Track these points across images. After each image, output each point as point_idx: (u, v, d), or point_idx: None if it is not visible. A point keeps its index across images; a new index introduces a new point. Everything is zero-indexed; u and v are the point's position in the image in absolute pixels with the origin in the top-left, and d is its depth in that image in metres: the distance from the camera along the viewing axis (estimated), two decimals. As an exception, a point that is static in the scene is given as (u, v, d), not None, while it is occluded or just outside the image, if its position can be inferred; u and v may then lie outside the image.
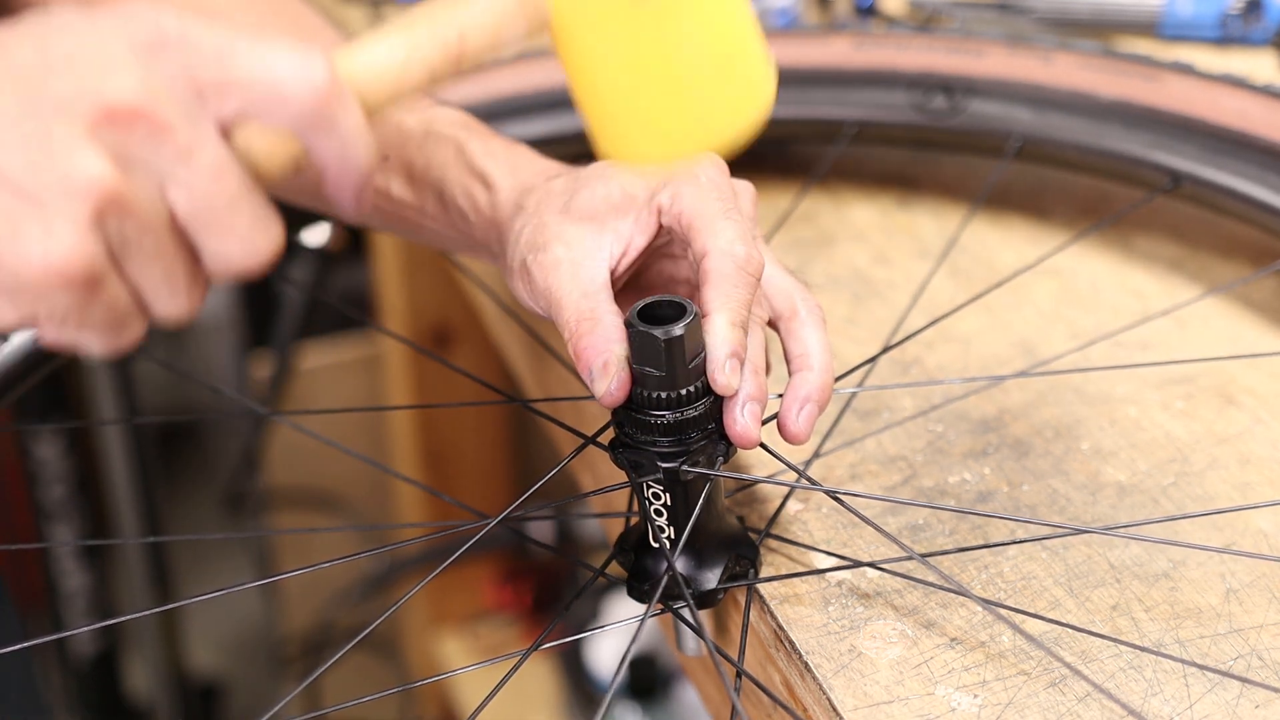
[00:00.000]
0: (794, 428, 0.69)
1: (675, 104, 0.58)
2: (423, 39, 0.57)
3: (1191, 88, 0.95)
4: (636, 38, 0.57)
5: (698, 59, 0.58)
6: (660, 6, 0.56)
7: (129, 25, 0.55)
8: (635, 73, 0.58)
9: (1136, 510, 0.76)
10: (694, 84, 0.58)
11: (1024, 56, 1.01)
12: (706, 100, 0.59)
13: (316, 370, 1.97)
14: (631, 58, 0.57)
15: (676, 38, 0.57)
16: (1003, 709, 0.65)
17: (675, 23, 0.57)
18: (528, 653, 0.68)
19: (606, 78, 0.58)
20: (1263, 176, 0.90)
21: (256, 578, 0.79)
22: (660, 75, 0.58)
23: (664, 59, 0.57)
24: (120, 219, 0.54)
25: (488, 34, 0.57)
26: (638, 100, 0.58)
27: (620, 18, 0.56)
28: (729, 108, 0.60)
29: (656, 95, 0.58)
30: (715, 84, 0.59)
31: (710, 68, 0.58)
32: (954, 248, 0.97)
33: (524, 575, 1.91)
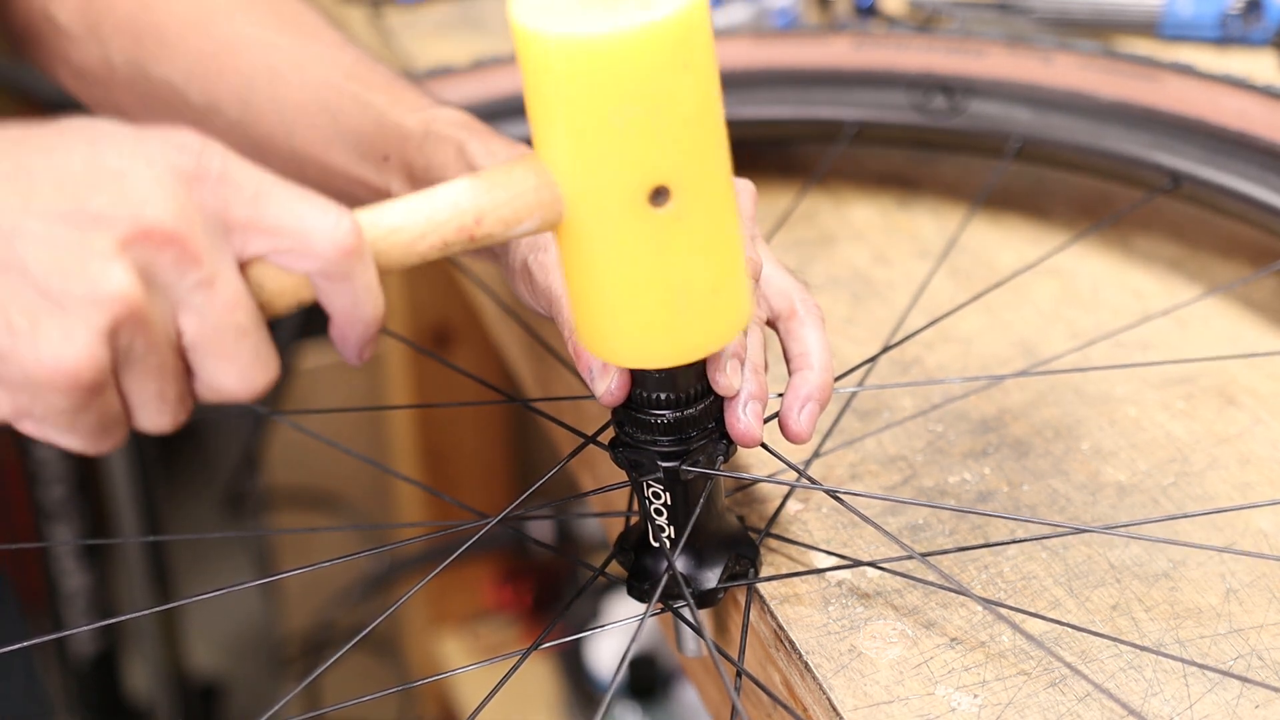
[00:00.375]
0: (796, 427, 0.69)
1: (664, 317, 0.61)
2: (443, 215, 0.60)
3: (1191, 88, 0.95)
4: (648, 240, 0.60)
5: (702, 264, 0.61)
6: (669, 222, 0.59)
7: (177, 152, 0.57)
8: (642, 272, 0.60)
9: (1136, 510, 0.76)
10: (695, 288, 0.61)
11: (1024, 57, 1.01)
12: (694, 315, 0.62)
13: (316, 370, 1.97)
14: (641, 257, 0.60)
15: (686, 242, 0.60)
16: (1003, 709, 0.65)
17: (687, 227, 0.59)
18: (527, 652, 0.68)
19: (612, 274, 0.61)
20: (1263, 177, 0.90)
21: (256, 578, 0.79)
22: (664, 278, 0.60)
23: (671, 263, 0.60)
24: (133, 334, 0.56)
25: (503, 224, 0.60)
26: (639, 300, 0.61)
27: (635, 219, 0.59)
28: (712, 324, 0.63)
29: (647, 307, 0.61)
30: (706, 300, 0.61)
31: (704, 284, 0.61)
32: (954, 248, 0.97)
33: (524, 575, 1.91)
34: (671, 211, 0.59)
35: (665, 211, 0.59)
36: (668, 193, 0.58)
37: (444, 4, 1.32)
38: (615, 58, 0.56)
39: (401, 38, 1.26)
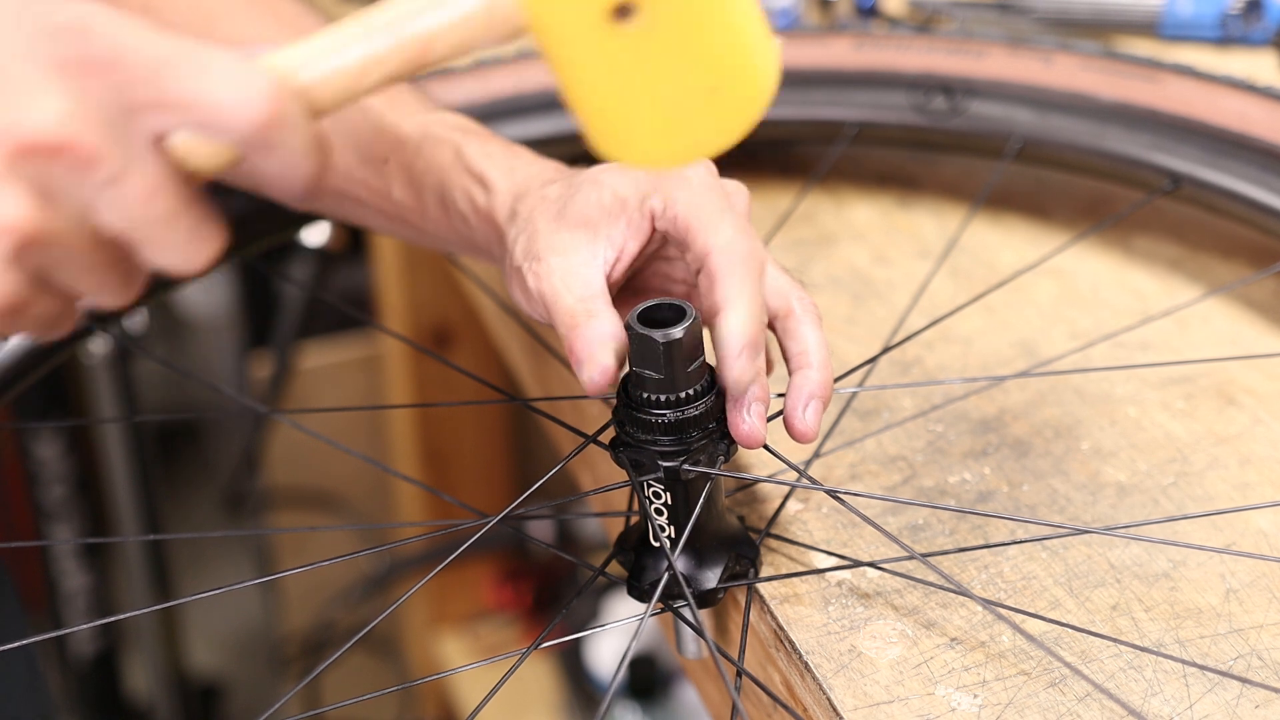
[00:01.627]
0: (802, 426, 0.69)
1: (668, 112, 0.57)
2: (385, 47, 0.54)
3: (1192, 89, 0.95)
4: (622, 55, 0.55)
5: (690, 70, 0.56)
6: (639, 38, 0.54)
7: (57, 39, 0.52)
8: (623, 86, 0.56)
9: (1136, 510, 0.76)
10: (687, 93, 0.56)
11: (1024, 58, 1.01)
12: (697, 115, 0.57)
13: (316, 370, 1.97)
14: (618, 72, 0.55)
15: (666, 53, 0.55)
16: (1003, 709, 0.65)
17: (664, 38, 0.54)
18: (527, 652, 0.68)
19: (592, 87, 0.56)
20: (1263, 178, 0.90)
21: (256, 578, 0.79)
22: (649, 89, 0.56)
23: (653, 74, 0.55)
24: (43, 252, 0.53)
25: (456, 47, 0.55)
26: (628, 109, 0.56)
27: (601, 38, 0.54)
28: (727, 110, 0.57)
29: (647, 106, 0.56)
30: (705, 100, 0.56)
31: (704, 76, 0.56)
32: (954, 248, 0.97)
33: (524, 575, 1.91)
34: (641, 26, 0.53)
35: (633, 27, 0.53)
36: (632, 7, 0.53)
37: (444, 4, 1.32)
38: None
39: (402, 38, 1.26)
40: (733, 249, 0.68)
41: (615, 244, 0.71)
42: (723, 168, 0.75)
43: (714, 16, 0.55)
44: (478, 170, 0.78)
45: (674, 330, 0.66)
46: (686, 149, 0.58)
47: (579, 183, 0.74)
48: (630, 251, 0.72)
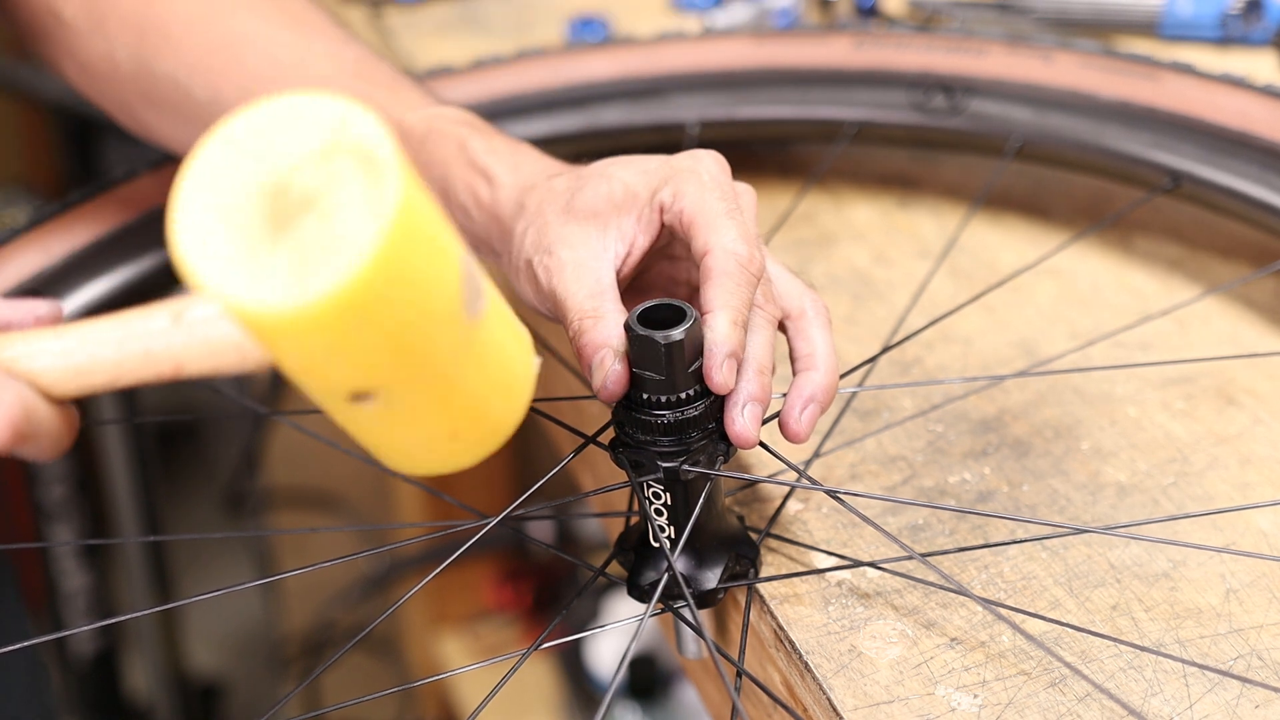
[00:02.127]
0: (795, 427, 0.69)
1: (420, 451, 0.60)
2: (134, 362, 0.56)
3: (1192, 88, 0.95)
4: (366, 421, 0.57)
5: (426, 428, 0.58)
6: (376, 413, 0.55)
7: None
8: (375, 438, 0.58)
9: (1136, 510, 0.76)
10: (431, 440, 0.59)
11: (1024, 56, 1.01)
12: (447, 445, 0.60)
13: (316, 370, 1.97)
14: (369, 431, 0.58)
15: (404, 420, 0.57)
16: (1003, 709, 0.65)
17: (399, 412, 0.56)
18: (527, 653, 0.68)
19: (350, 430, 0.58)
20: (1263, 176, 0.90)
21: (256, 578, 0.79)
22: (398, 439, 0.59)
23: (397, 432, 0.58)
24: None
25: (206, 369, 0.57)
26: (385, 449, 0.59)
27: (346, 410, 0.56)
28: (470, 442, 0.61)
29: (400, 449, 0.59)
30: (446, 445, 0.60)
31: (441, 430, 0.59)
32: (954, 248, 0.97)
33: (524, 575, 1.91)
34: (378, 405, 0.55)
35: (370, 406, 0.55)
36: (370, 395, 0.54)
37: (444, 4, 1.32)
38: (294, 325, 0.48)
39: (401, 38, 1.26)
40: (730, 253, 0.68)
41: (626, 238, 0.71)
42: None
43: (448, 386, 0.57)
44: (482, 164, 0.78)
45: (674, 332, 0.66)
46: (442, 467, 0.62)
47: (587, 175, 0.73)
48: (641, 246, 0.71)
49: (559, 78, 1.04)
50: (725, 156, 0.74)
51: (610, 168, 0.73)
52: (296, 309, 0.47)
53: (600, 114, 1.03)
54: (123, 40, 0.85)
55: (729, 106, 1.04)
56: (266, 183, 0.49)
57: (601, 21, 1.23)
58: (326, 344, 0.50)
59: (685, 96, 1.04)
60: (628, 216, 0.71)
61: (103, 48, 0.86)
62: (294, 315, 0.47)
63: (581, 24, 1.23)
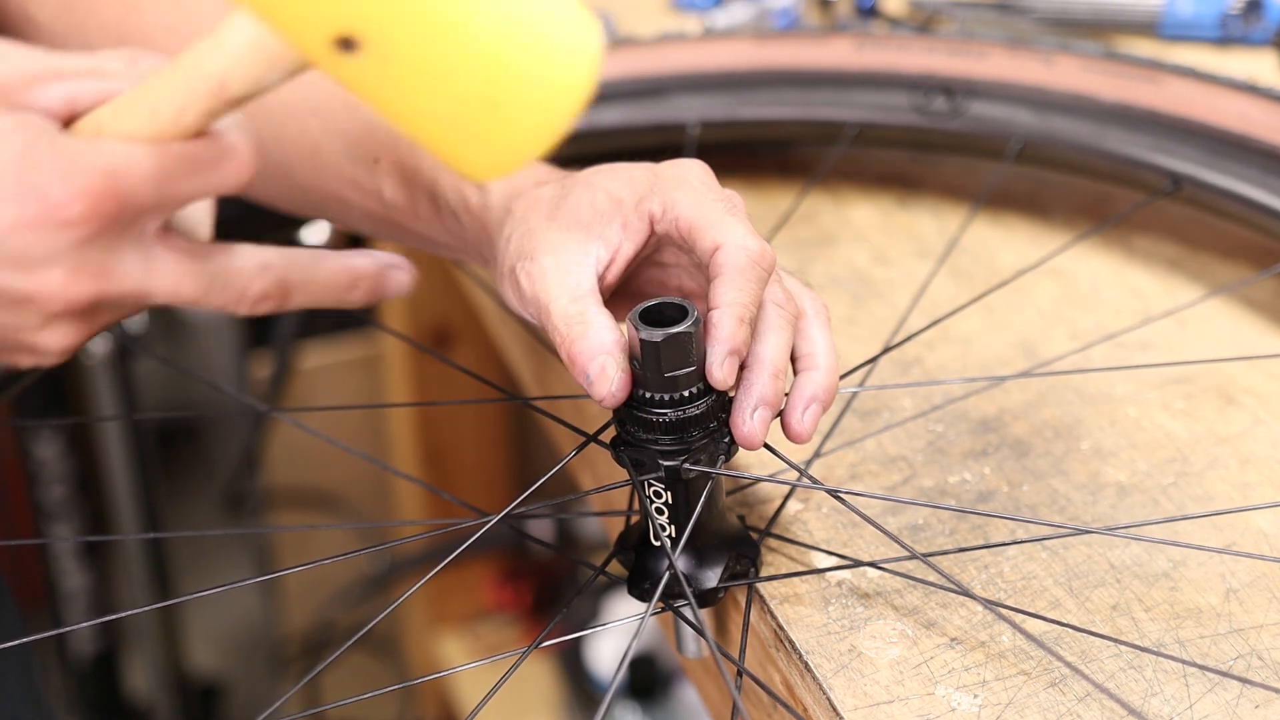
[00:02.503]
0: (798, 427, 0.69)
1: (458, 128, 0.55)
2: (188, 90, 0.57)
3: (1193, 90, 0.95)
4: (372, 83, 0.54)
5: (450, 94, 0.54)
6: (374, 68, 0.53)
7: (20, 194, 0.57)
8: (395, 109, 0.55)
9: (1136, 510, 0.76)
10: (465, 112, 0.54)
11: (1025, 58, 1.01)
12: (490, 119, 0.54)
13: (316, 370, 1.97)
14: (381, 97, 0.55)
15: (415, 80, 0.54)
16: (1003, 709, 0.65)
17: (402, 68, 0.53)
18: (527, 652, 0.68)
19: (381, 109, 0.55)
20: (1264, 180, 0.90)
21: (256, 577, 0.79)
22: (421, 110, 0.55)
23: (415, 98, 0.54)
24: None
25: (251, 81, 0.57)
26: (420, 127, 0.56)
27: (344, 68, 0.54)
28: (525, 117, 0.55)
29: (432, 124, 0.55)
30: (491, 106, 0.54)
31: (471, 97, 0.54)
32: (954, 248, 0.97)
33: (524, 574, 1.91)
34: (370, 58, 0.52)
35: (363, 59, 0.52)
36: (354, 42, 0.52)
37: (445, 4, 1.32)
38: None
39: (402, 38, 1.26)
40: (742, 248, 0.68)
41: (610, 244, 0.71)
42: (723, 165, 0.75)
43: (454, 37, 0.52)
44: None
45: (674, 330, 0.66)
46: (507, 158, 0.56)
47: (572, 185, 0.73)
48: (626, 253, 0.71)
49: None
50: (726, 157, 0.74)
51: (595, 176, 0.73)
52: None
53: (600, 114, 1.03)
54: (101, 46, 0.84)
55: (729, 107, 1.04)
56: None
57: (601, 21, 1.23)
58: None
59: (686, 97, 1.04)
60: (612, 224, 0.71)
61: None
62: None
63: (582, 24, 1.23)
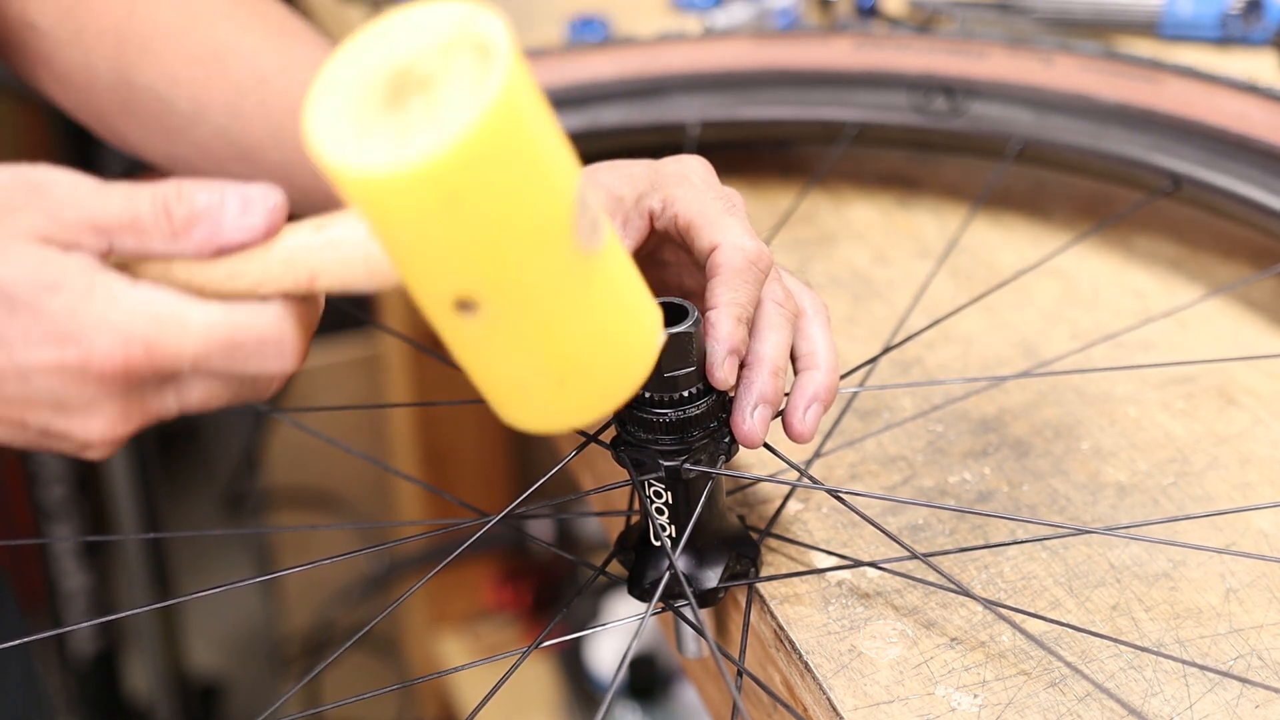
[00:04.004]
0: (800, 427, 0.69)
1: (527, 393, 0.60)
2: (277, 270, 0.58)
3: (1192, 90, 0.95)
4: (473, 342, 0.58)
5: (532, 363, 0.58)
6: (481, 329, 0.56)
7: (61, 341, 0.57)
8: (482, 366, 0.59)
9: (1136, 510, 0.76)
10: (538, 380, 0.59)
11: (1025, 58, 1.01)
12: (554, 393, 0.60)
13: (316, 370, 1.97)
14: (475, 355, 0.58)
15: (507, 346, 0.57)
16: (1003, 709, 0.65)
17: (503, 334, 0.57)
18: (527, 652, 0.68)
19: (461, 360, 0.59)
20: (1263, 179, 0.90)
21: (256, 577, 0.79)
22: (504, 372, 0.59)
23: (503, 361, 0.58)
24: None
25: (338, 282, 0.59)
26: (495, 385, 0.60)
27: (455, 324, 0.57)
28: (580, 397, 0.60)
29: (508, 385, 0.59)
30: (559, 383, 0.59)
31: (547, 370, 0.59)
32: (954, 248, 0.97)
33: (524, 575, 1.91)
34: (482, 320, 0.56)
35: (474, 320, 0.56)
36: (473, 305, 0.55)
37: (445, 4, 1.32)
38: (388, 192, 0.52)
39: (402, 38, 1.26)
40: (739, 248, 0.68)
41: None
42: (723, 165, 0.75)
43: (556, 317, 0.57)
44: None
45: (674, 330, 0.66)
46: (550, 424, 0.62)
47: None
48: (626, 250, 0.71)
49: (560, 78, 1.04)
50: (726, 157, 0.74)
51: (596, 173, 0.73)
52: (392, 172, 0.51)
53: (601, 114, 1.03)
54: (101, 52, 0.84)
55: (729, 107, 1.04)
56: (388, 69, 0.53)
57: (601, 21, 1.23)
58: (422, 217, 0.52)
59: (686, 97, 1.04)
60: (612, 221, 0.71)
61: (80, 59, 0.85)
62: (390, 179, 0.51)
63: (581, 24, 1.23)
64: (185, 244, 0.58)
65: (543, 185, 0.54)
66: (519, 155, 0.53)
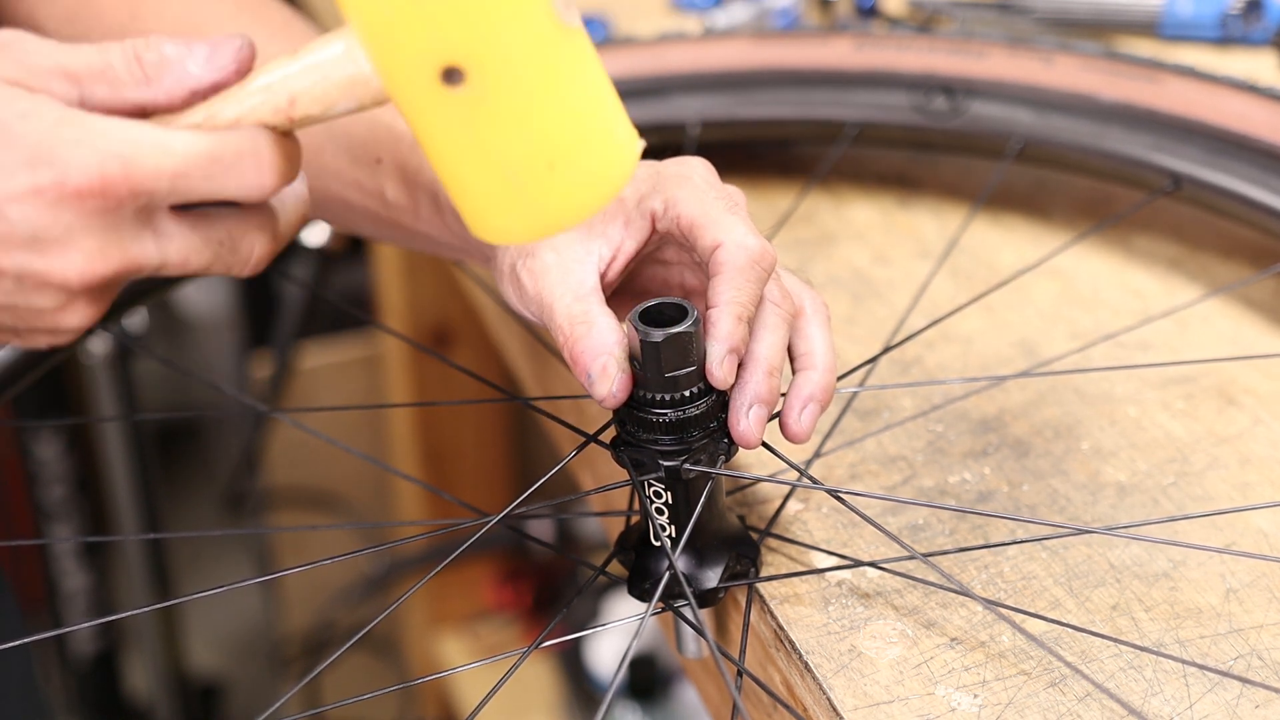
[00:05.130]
0: (796, 427, 0.69)
1: (509, 185, 0.59)
2: (256, 99, 0.59)
3: (1193, 90, 0.95)
4: (456, 121, 0.57)
5: (523, 143, 0.58)
6: (470, 103, 0.56)
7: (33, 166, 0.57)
8: (462, 153, 0.58)
9: (1136, 510, 0.76)
10: (524, 167, 0.58)
11: (1025, 58, 1.01)
12: (541, 181, 0.59)
13: (316, 370, 1.97)
14: (456, 138, 0.58)
15: (497, 123, 0.57)
16: (1003, 709, 0.65)
17: (493, 107, 0.56)
18: (527, 652, 0.68)
19: (440, 154, 0.58)
20: (1263, 179, 0.90)
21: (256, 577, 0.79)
22: (487, 158, 0.58)
23: (487, 144, 0.57)
24: None
25: (319, 104, 0.59)
26: (472, 179, 0.59)
27: (437, 101, 0.56)
28: (568, 188, 0.59)
29: (488, 176, 0.58)
30: (544, 175, 0.58)
31: (539, 151, 0.58)
32: (954, 248, 0.97)
33: (524, 575, 1.91)
34: (470, 92, 0.55)
35: (463, 92, 0.55)
36: (461, 73, 0.55)
37: (445, 4, 1.32)
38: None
39: (402, 37, 1.26)
40: (742, 247, 0.68)
41: (611, 243, 0.71)
42: (723, 165, 0.75)
43: (545, 90, 0.57)
44: None
45: (674, 329, 0.66)
46: (532, 225, 0.60)
47: None
48: (627, 251, 0.71)
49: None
50: (726, 157, 0.74)
51: None
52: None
53: (601, 114, 1.03)
54: None
55: (730, 107, 1.04)
56: None
57: (601, 21, 1.23)
58: None
59: (686, 97, 1.04)
60: (614, 222, 0.71)
61: None
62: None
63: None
64: (157, 90, 0.58)
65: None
66: None
